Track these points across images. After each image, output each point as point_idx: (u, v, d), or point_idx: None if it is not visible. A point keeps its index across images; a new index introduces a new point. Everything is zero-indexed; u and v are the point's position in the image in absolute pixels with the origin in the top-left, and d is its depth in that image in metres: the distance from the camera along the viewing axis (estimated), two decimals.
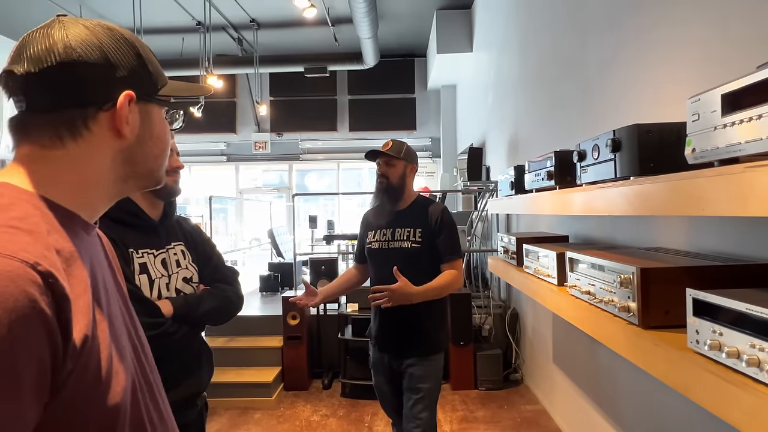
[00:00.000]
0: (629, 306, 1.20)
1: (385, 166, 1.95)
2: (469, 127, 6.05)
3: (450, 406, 3.31)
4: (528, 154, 3.05)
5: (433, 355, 1.93)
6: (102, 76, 0.57)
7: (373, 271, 2.02)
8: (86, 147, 0.57)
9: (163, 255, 1.22)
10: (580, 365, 2.59)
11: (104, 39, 0.58)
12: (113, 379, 0.53)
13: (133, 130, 0.61)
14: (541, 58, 3.07)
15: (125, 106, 0.58)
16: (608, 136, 1.32)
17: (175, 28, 6.34)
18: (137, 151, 0.62)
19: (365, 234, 2.05)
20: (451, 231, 1.96)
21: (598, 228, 2.23)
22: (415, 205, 2.00)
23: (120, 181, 0.62)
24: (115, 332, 0.57)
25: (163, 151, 0.66)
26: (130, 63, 0.60)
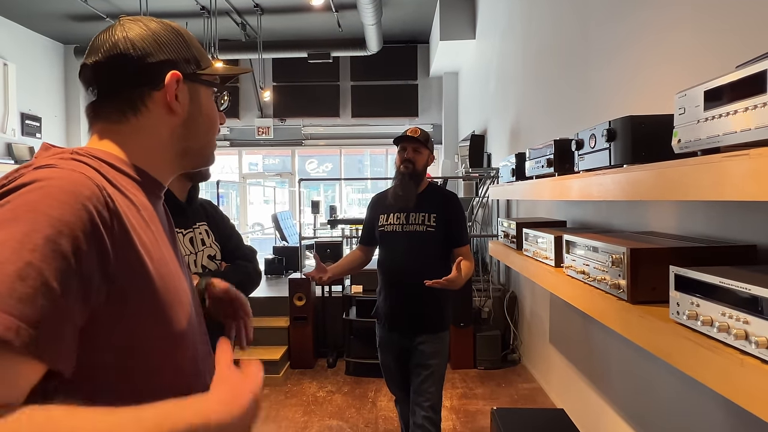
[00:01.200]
0: (620, 283, 1.30)
1: (413, 153, 2.05)
2: (471, 114, 6.11)
3: (450, 384, 3.45)
4: (529, 142, 3.14)
5: (442, 332, 2.05)
6: (152, 60, 0.67)
7: (386, 252, 2.11)
8: (146, 121, 0.68)
9: (190, 234, 1.32)
10: (575, 345, 2.72)
11: (155, 29, 0.69)
12: (176, 308, 0.63)
13: (184, 107, 0.69)
14: (543, 48, 3.13)
15: (173, 84, 0.67)
16: (604, 126, 1.41)
17: (179, 13, 6.34)
18: (190, 127, 0.71)
19: (376, 217, 2.14)
20: (464, 217, 2.13)
21: (595, 213, 2.33)
22: (428, 191, 2.11)
23: (179, 156, 0.72)
24: (178, 275, 0.67)
25: (212, 128, 0.74)
26: (176, 48, 0.69)
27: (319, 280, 1.95)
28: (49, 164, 0.56)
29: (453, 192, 2.24)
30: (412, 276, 1.88)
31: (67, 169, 0.56)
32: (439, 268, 1.94)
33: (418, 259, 1.99)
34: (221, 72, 0.75)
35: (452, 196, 2.17)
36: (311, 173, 9.11)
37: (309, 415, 3.03)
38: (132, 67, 0.66)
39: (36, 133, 6.91)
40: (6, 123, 6.53)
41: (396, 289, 2.01)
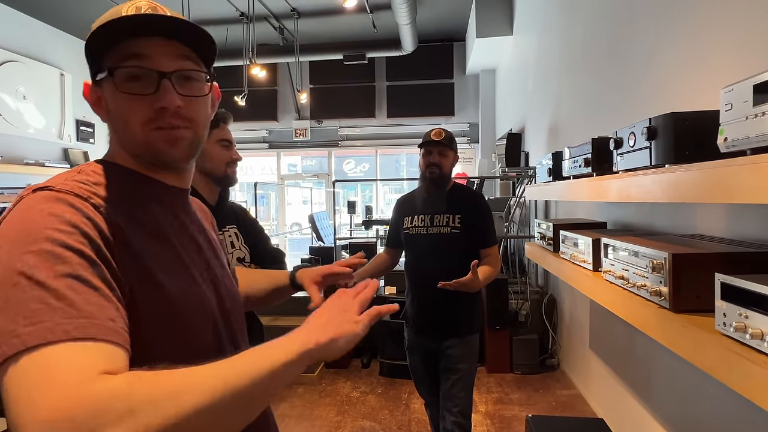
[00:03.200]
0: (661, 290, 1.23)
1: (439, 156, 2.00)
2: (509, 112, 5.98)
3: (485, 388, 3.38)
4: (568, 140, 3.03)
5: (470, 336, 2.00)
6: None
7: (411, 255, 2.09)
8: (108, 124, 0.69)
9: (220, 237, 1.34)
10: (617, 351, 2.60)
11: None
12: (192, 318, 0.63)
13: (106, 114, 0.67)
14: (584, 43, 3.01)
15: (87, 95, 0.67)
16: (644, 123, 1.34)
17: (219, 20, 6.55)
18: (113, 132, 0.68)
19: (400, 219, 2.11)
20: (491, 218, 2.07)
21: (637, 215, 2.22)
22: (453, 192, 2.06)
23: (134, 157, 0.68)
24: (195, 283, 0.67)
25: (125, 127, 0.65)
26: (85, 50, 0.64)
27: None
28: (46, 186, 0.58)
29: (478, 192, 2.21)
30: (437, 279, 1.84)
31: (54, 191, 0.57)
32: (465, 270, 1.89)
33: (444, 262, 1.96)
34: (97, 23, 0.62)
35: (477, 195, 2.13)
36: (348, 173, 9.18)
37: (342, 415, 3.05)
38: None
39: (89, 139, 7.31)
40: (63, 130, 6.94)
41: (422, 292, 1.98)
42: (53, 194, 0.56)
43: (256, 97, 7.79)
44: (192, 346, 0.63)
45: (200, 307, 0.66)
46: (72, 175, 0.62)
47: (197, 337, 0.64)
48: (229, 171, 1.35)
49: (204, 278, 0.70)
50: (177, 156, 0.67)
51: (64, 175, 0.61)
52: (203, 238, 0.74)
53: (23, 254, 0.49)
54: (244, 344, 0.74)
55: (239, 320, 0.76)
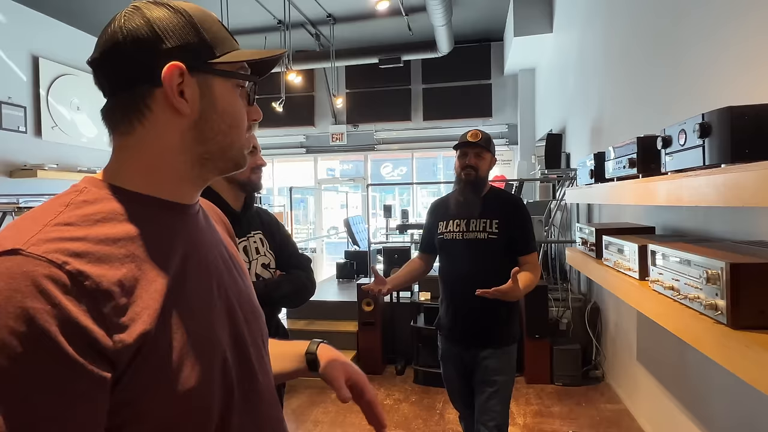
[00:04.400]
0: (717, 304, 1.11)
1: (476, 158, 1.92)
2: (549, 112, 5.78)
3: (524, 400, 3.25)
4: (612, 140, 2.87)
5: (508, 346, 1.91)
6: (149, 50, 0.55)
7: (446, 261, 2.01)
8: (152, 128, 0.56)
9: (244, 243, 1.33)
10: (667, 364, 2.42)
11: (155, 14, 0.56)
12: (185, 367, 0.52)
13: (193, 105, 0.57)
14: (629, 35, 2.85)
15: (173, 77, 0.55)
16: (696, 120, 1.22)
17: (258, 28, 6.70)
18: (204, 128, 0.58)
19: (435, 224, 2.03)
20: (530, 223, 1.97)
21: (690, 218, 2.06)
22: (490, 196, 1.97)
23: (197, 163, 0.59)
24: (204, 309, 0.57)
25: (232, 127, 0.60)
26: (179, 33, 0.56)
27: (378, 293, 1.87)
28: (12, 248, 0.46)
29: (517, 196, 2.08)
30: (473, 286, 1.75)
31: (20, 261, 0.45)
32: (502, 277, 1.79)
33: (480, 269, 1.88)
34: (241, 58, 0.60)
35: (515, 200, 2.03)
36: (386, 177, 9.17)
37: None
38: (128, 62, 0.55)
39: None
40: None
41: (457, 300, 1.91)
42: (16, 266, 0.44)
43: (294, 102, 7.91)
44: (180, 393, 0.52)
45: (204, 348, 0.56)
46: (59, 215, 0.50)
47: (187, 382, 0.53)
48: (253, 177, 1.33)
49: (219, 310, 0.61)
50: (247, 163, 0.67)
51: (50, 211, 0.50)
52: (221, 256, 0.66)
53: None
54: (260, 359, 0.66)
55: (256, 333, 0.67)
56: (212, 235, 0.66)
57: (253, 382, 0.63)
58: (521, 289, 1.72)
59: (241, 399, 0.60)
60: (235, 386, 0.59)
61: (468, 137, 1.92)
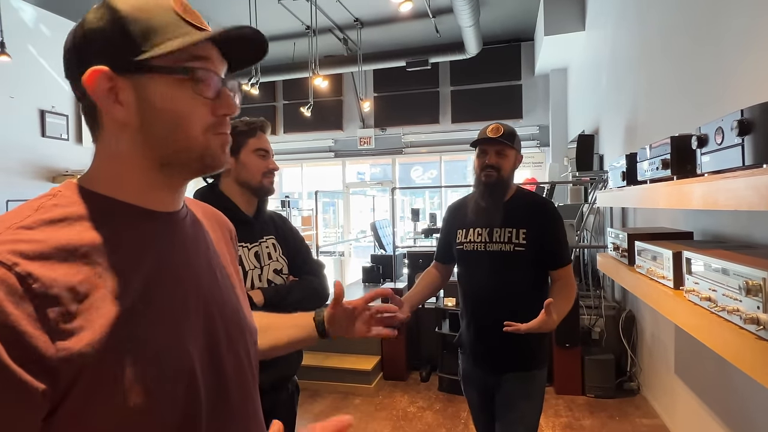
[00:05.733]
0: (758, 318, 1.01)
1: (497, 156, 1.64)
2: (581, 112, 5.60)
3: (553, 411, 3.12)
4: (647, 140, 2.73)
5: (536, 370, 1.68)
6: (81, 56, 0.53)
7: (466, 275, 1.75)
8: (106, 137, 0.55)
9: (256, 248, 1.32)
10: (708, 378, 2.27)
11: (90, 15, 0.53)
12: (141, 381, 0.49)
13: (130, 109, 0.53)
14: (666, 30, 2.71)
15: (94, 84, 0.51)
16: (734, 116, 1.13)
17: (287, 34, 6.80)
18: (149, 132, 0.54)
19: (452, 231, 1.79)
20: (563, 231, 1.71)
21: (732, 223, 1.93)
22: (516, 200, 1.71)
23: (157, 169, 0.56)
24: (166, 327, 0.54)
25: (178, 127, 0.54)
26: (102, 33, 0.52)
27: (400, 322, 1.64)
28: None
29: (547, 199, 1.81)
30: (498, 305, 1.58)
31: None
32: (531, 295, 1.62)
33: (506, 285, 1.64)
34: (177, 45, 0.52)
35: (546, 204, 1.75)
36: (416, 180, 9.12)
37: (398, 430, 2.95)
38: (73, 75, 0.53)
39: None
40: None
41: (480, 319, 1.68)
42: None
43: (322, 107, 7.98)
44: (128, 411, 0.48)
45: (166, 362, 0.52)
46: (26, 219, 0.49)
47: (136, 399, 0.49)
48: (265, 181, 1.32)
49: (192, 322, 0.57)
50: (225, 161, 0.61)
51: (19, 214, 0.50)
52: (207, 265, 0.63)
53: None
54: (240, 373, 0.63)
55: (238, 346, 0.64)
56: (198, 245, 0.63)
57: (226, 397, 0.60)
58: (556, 320, 1.49)
59: (211, 414, 0.57)
60: (203, 401, 0.55)
61: (488, 132, 1.65)
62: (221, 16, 6.19)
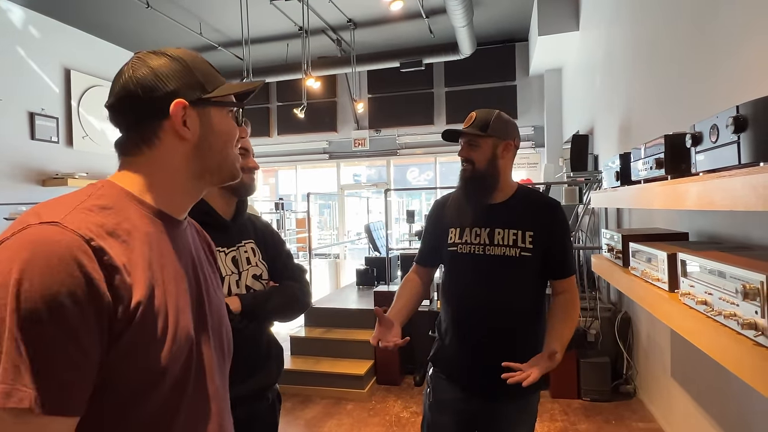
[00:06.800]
0: (756, 323, 0.97)
1: (468, 148, 1.47)
2: (576, 112, 5.57)
3: (548, 415, 3.07)
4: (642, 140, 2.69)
5: (532, 395, 1.48)
6: (156, 93, 0.70)
7: (457, 281, 1.52)
8: (159, 151, 0.72)
9: (233, 253, 1.26)
10: (705, 382, 2.22)
11: (156, 63, 0.72)
12: (164, 345, 0.64)
13: (194, 132, 0.72)
14: (659, 29, 2.67)
15: (178, 111, 0.70)
16: (730, 113, 1.08)
17: (280, 36, 6.74)
18: (203, 147, 0.73)
19: (443, 231, 1.54)
20: (569, 235, 1.53)
21: (727, 223, 1.88)
22: (519, 198, 1.50)
23: (196, 177, 0.74)
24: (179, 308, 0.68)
25: (226, 144, 0.76)
26: (178, 77, 0.72)
27: (394, 345, 1.34)
28: (51, 221, 0.59)
29: (555, 200, 1.58)
30: (497, 318, 1.40)
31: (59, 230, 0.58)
32: (533, 309, 1.46)
33: (508, 296, 1.43)
34: (228, 91, 0.76)
35: (553, 204, 1.52)
36: (412, 182, 9.07)
37: None
38: (140, 104, 0.70)
39: None
40: None
41: (471, 334, 1.44)
42: (56, 233, 0.58)
43: (316, 108, 7.93)
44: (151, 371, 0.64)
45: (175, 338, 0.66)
46: (84, 202, 0.64)
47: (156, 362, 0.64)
48: (245, 177, 1.26)
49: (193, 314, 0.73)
50: (240, 174, 0.81)
51: (76, 199, 0.64)
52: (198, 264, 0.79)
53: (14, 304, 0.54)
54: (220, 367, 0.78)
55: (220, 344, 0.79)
56: (194, 249, 0.79)
57: (205, 380, 0.73)
58: (560, 358, 1.32)
59: (194, 388, 0.70)
60: (192, 375, 0.69)
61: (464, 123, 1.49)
62: (213, 16, 6.13)
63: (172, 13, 5.76)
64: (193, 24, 6.14)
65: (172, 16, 5.75)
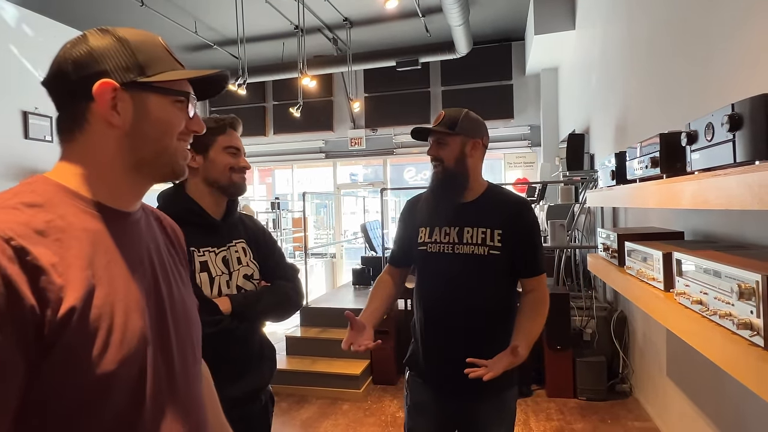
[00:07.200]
0: (752, 323, 0.96)
1: (436, 146, 1.47)
2: (572, 112, 5.57)
3: (544, 415, 3.07)
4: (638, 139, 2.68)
5: (507, 392, 1.49)
6: (86, 72, 0.64)
7: (428, 281, 1.51)
8: (90, 138, 0.65)
9: (224, 253, 1.25)
10: (701, 380, 2.22)
11: (96, 41, 0.65)
12: (109, 350, 0.58)
13: (125, 118, 0.65)
14: (655, 27, 2.67)
15: (103, 95, 0.63)
16: (725, 111, 1.07)
17: (276, 34, 6.71)
18: (135, 136, 0.66)
19: (414, 231, 1.54)
20: (539, 235, 1.53)
21: (723, 222, 1.88)
22: (488, 197, 1.51)
23: (133, 169, 0.67)
24: (128, 308, 0.62)
25: (165, 135, 0.68)
26: (113, 57, 0.65)
27: (365, 349, 1.35)
28: None
29: (523, 199, 1.57)
30: (467, 317, 1.41)
31: None
32: (503, 307, 1.47)
33: (478, 294, 1.43)
34: (173, 77, 0.68)
35: (522, 202, 1.53)
36: (409, 181, 9.05)
37: None
38: (69, 82, 0.65)
39: None
40: None
41: (442, 334, 1.45)
42: None
43: (312, 107, 7.90)
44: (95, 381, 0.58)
45: (124, 339, 0.61)
46: (8, 201, 0.58)
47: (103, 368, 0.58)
48: (235, 176, 1.25)
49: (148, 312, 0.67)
50: (185, 170, 0.73)
51: (1, 198, 0.59)
52: (159, 263, 0.73)
53: None
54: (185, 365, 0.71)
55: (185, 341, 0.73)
56: (150, 243, 0.72)
57: (172, 385, 0.67)
58: (525, 354, 1.31)
59: (155, 397, 0.64)
60: (149, 385, 0.63)
61: (431, 121, 1.49)
62: (208, 15, 6.10)
63: (167, 11, 5.72)
64: (188, 22, 6.11)
65: (166, 15, 5.72)
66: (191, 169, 1.24)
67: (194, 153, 1.23)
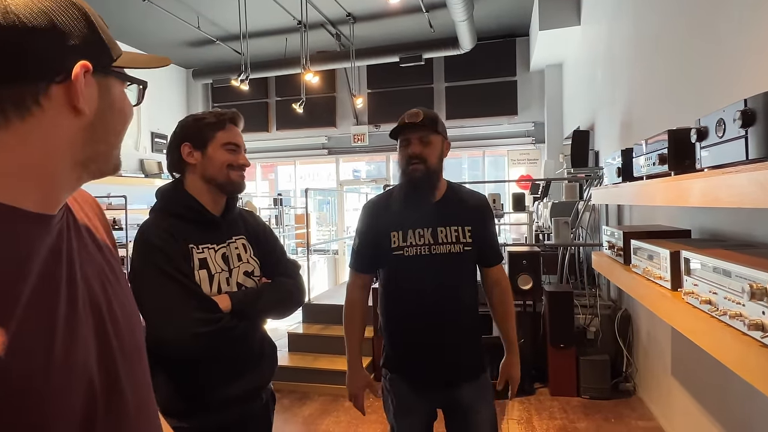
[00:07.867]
0: (763, 323, 0.94)
1: (421, 145, 1.45)
2: (577, 108, 5.52)
3: (548, 413, 3.05)
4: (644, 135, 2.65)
5: (484, 374, 1.58)
6: (50, 44, 0.50)
7: (405, 285, 1.51)
8: (36, 127, 0.50)
9: (223, 249, 1.23)
10: (706, 380, 2.20)
11: (49, 2, 0.50)
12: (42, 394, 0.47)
13: (91, 106, 0.54)
14: (662, 21, 2.63)
15: (81, 78, 0.51)
16: (737, 106, 1.05)
17: (278, 30, 6.68)
18: (98, 128, 0.55)
19: (384, 235, 1.50)
20: (494, 224, 1.67)
21: (731, 221, 1.85)
22: (450, 196, 1.55)
23: (80, 165, 0.55)
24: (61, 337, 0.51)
25: (124, 126, 0.60)
26: (81, 31, 0.53)
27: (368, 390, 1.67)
28: None
29: (477, 191, 1.66)
30: (448, 312, 1.46)
31: None
32: (471, 295, 1.55)
33: (454, 291, 1.50)
34: (134, 64, 0.59)
35: (482, 197, 1.64)
36: None
37: None
38: (18, 53, 0.48)
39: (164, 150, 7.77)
40: (139, 142, 7.44)
41: (426, 331, 1.47)
42: None
43: (315, 103, 7.87)
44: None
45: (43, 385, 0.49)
46: None
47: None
48: (233, 174, 1.22)
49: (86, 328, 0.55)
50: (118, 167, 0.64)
51: None
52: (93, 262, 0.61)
53: None
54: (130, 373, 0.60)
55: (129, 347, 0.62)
56: (80, 241, 0.60)
57: (121, 401, 0.58)
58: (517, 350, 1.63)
59: (105, 417, 0.55)
60: (98, 407, 0.54)
61: (407, 118, 1.45)
62: (211, 10, 6.07)
63: (170, 6, 5.69)
64: (190, 18, 6.08)
65: (169, 10, 5.69)
66: (190, 165, 1.22)
67: (193, 149, 1.21)
